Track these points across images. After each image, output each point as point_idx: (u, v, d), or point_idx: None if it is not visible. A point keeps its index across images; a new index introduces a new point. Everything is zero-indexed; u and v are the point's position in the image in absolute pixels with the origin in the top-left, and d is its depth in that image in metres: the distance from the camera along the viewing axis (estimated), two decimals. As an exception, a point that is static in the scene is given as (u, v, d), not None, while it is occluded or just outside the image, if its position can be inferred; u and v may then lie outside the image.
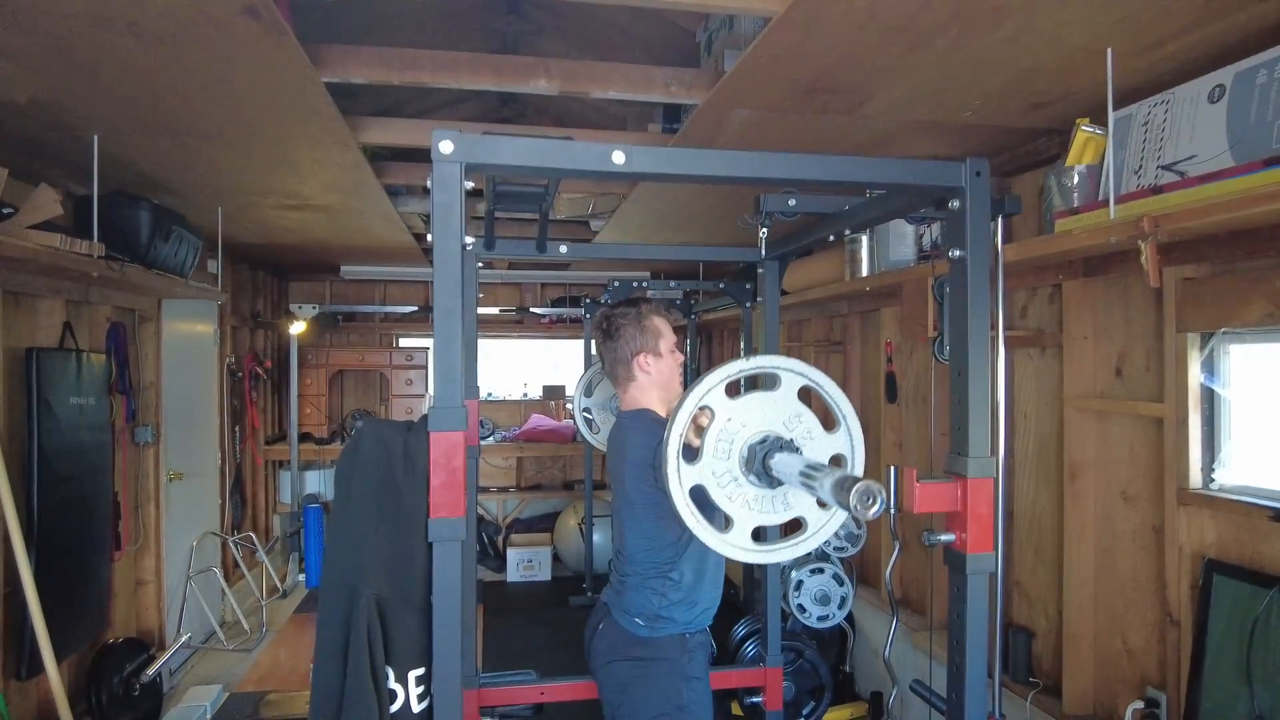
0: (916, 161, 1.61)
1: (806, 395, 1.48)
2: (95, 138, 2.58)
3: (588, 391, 3.28)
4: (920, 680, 2.70)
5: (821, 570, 3.42)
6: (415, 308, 6.33)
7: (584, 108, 3.76)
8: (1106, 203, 1.97)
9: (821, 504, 1.43)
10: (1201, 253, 2.10)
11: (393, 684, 1.41)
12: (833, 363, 4.51)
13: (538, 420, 6.38)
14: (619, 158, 1.46)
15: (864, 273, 3.22)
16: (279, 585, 5.30)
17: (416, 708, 1.44)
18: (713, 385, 1.37)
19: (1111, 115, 2.02)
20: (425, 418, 1.42)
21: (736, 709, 3.63)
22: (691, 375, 5.99)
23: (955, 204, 1.62)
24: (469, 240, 2.46)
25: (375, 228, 4.27)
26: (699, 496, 1.38)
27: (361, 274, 6.11)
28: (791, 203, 2.15)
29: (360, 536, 1.41)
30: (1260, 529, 2.01)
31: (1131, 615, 2.47)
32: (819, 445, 1.43)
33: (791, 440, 1.39)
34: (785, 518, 1.42)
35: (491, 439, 6.26)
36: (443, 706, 1.42)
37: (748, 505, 1.39)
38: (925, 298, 2.70)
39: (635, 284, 4.08)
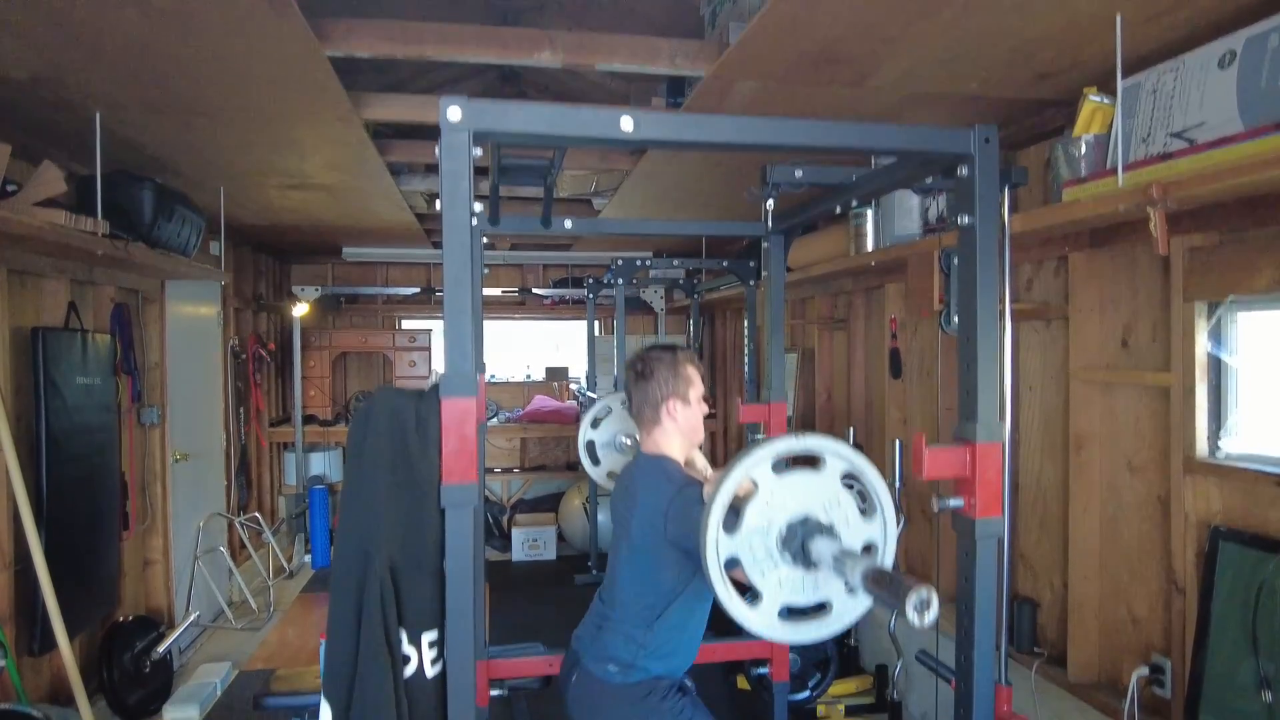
0: (925, 128, 1.61)
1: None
2: (98, 115, 2.57)
3: (594, 424, 3.29)
4: (927, 651, 2.72)
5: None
6: (417, 289, 6.33)
7: (585, 85, 3.74)
8: (1114, 171, 1.97)
9: (850, 590, 1.42)
10: (1209, 221, 2.10)
11: (406, 647, 1.42)
12: (836, 340, 4.52)
13: (541, 401, 6.39)
14: (627, 124, 1.46)
15: (869, 248, 3.22)
16: (286, 566, 5.33)
17: (430, 672, 1.46)
18: (761, 460, 1.37)
19: (1120, 83, 2.01)
20: (436, 386, 1.42)
21: (743, 682, 3.66)
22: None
23: (964, 171, 1.62)
24: (476, 209, 2.47)
25: (378, 206, 4.26)
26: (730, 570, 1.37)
27: (363, 256, 6.09)
28: (798, 174, 2.14)
29: (373, 503, 1.42)
30: (1266, 496, 2.02)
31: (1136, 584, 2.48)
32: (854, 531, 1.42)
33: (831, 525, 1.39)
34: (813, 600, 1.41)
35: (495, 420, 6.27)
36: (456, 668, 1.43)
37: (779, 584, 1.39)
38: (931, 271, 2.69)
39: (638, 262, 4.07)
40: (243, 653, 4.13)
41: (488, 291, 6.53)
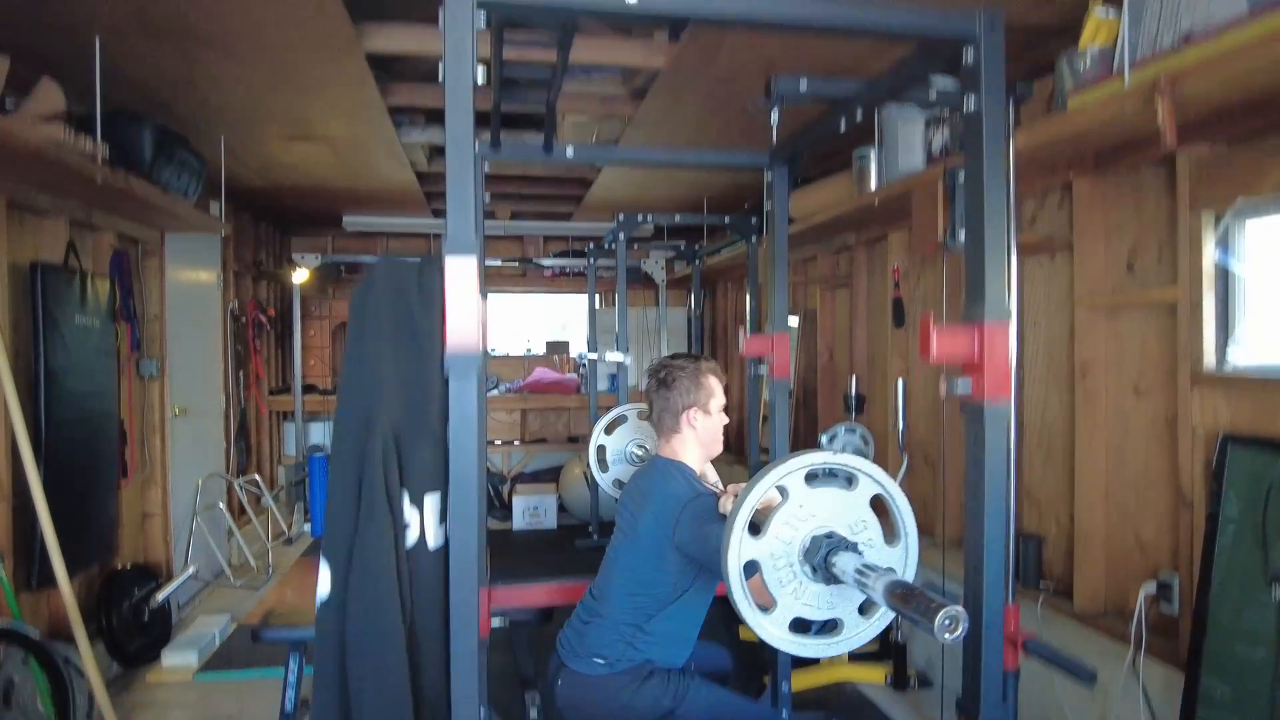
0: (929, 11, 1.59)
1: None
2: (98, 40, 2.56)
3: (608, 430, 3.32)
4: (933, 584, 2.70)
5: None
6: (418, 260, 6.31)
7: (589, 20, 3.70)
8: (1121, 74, 1.95)
9: (863, 611, 1.44)
10: (1216, 130, 2.09)
11: (408, 510, 1.40)
12: (839, 300, 4.51)
13: (542, 373, 6.38)
14: (632, -8, 1.44)
15: (873, 188, 3.20)
16: (285, 530, 5.31)
17: (433, 542, 1.44)
18: (795, 469, 1.37)
19: (1127, -13, 2.00)
20: (439, 252, 1.41)
21: (745, 632, 3.64)
22: (697, 330, 5.99)
23: (969, 57, 1.60)
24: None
25: (378, 163, 4.25)
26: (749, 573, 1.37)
27: (364, 225, 6.08)
28: (803, 86, 2.13)
29: (375, 369, 1.40)
30: (1275, 402, 2.01)
31: (1143, 509, 2.47)
32: (878, 555, 1.42)
33: (855, 544, 1.39)
34: (826, 616, 1.42)
35: (496, 391, 6.26)
36: (459, 540, 1.40)
37: (795, 595, 1.39)
38: (936, 202, 2.68)
39: (640, 218, 4.06)
40: (242, 610, 4.11)
41: (487, 262, 6.53)
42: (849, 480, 1.44)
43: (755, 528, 1.39)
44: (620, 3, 1.49)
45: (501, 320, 7.07)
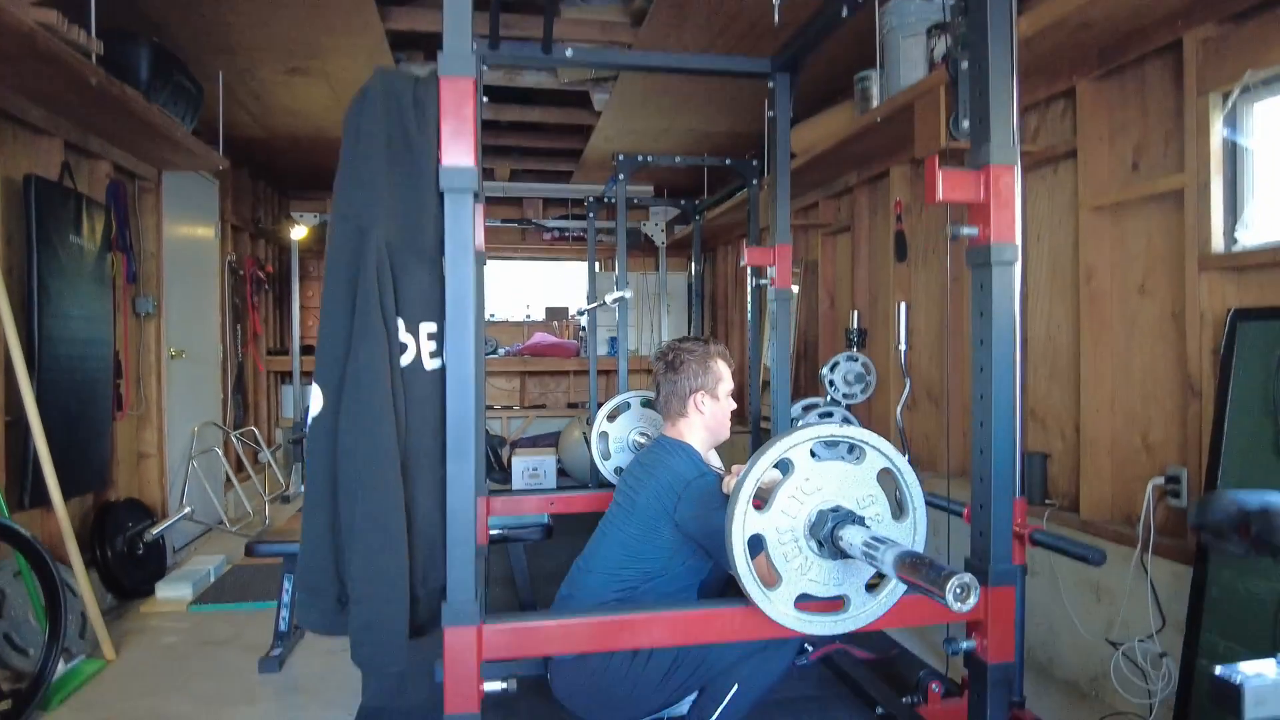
0: None
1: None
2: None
3: (610, 417, 3.30)
4: (934, 494, 2.66)
5: (830, 415, 3.39)
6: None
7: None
8: (1127, -60, 1.93)
9: (869, 587, 1.42)
10: (1222, 7, 2.06)
11: (403, 334, 1.37)
12: (840, 245, 4.48)
13: (541, 336, 6.35)
14: None
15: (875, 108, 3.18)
16: (283, 485, 5.27)
17: (429, 365, 1.40)
18: (802, 441, 1.35)
19: None
20: (434, 71, 1.38)
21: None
22: (697, 294, 5.95)
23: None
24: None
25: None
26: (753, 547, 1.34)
27: (363, 187, 6.05)
28: (804, -37, 2.10)
29: (370, 181, 1.37)
30: (1284, 278, 1.98)
31: (1151, 409, 2.43)
32: (884, 530, 1.40)
33: (863, 518, 1.36)
34: (832, 593, 1.40)
35: (495, 355, 6.22)
36: (454, 360, 1.37)
37: (801, 570, 1.37)
38: (938, 104, 2.65)
39: (640, 157, 4.03)
40: (238, 554, 4.05)
41: (487, 223, 6.50)
42: (855, 454, 1.42)
43: (760, 505, 1.36)
44: None
45: (501, 286, 7.04)
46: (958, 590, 1.13)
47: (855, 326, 3.67)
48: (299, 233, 5.40)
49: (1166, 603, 2.21)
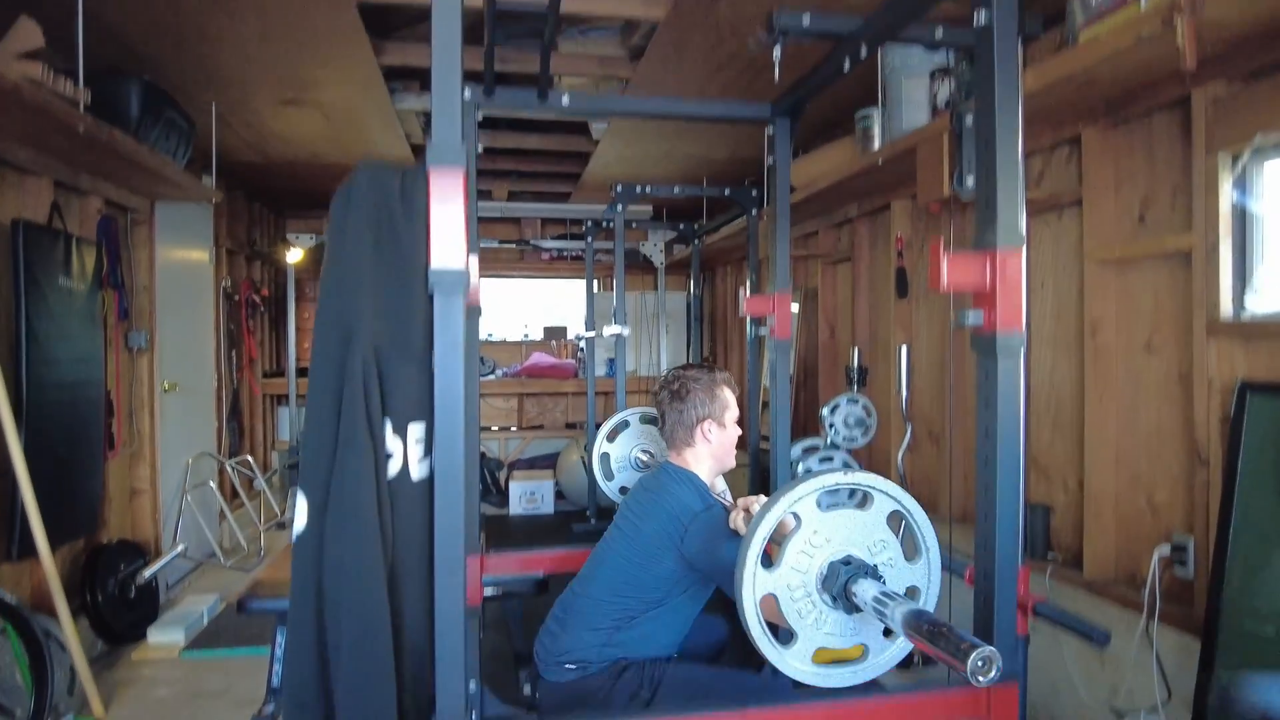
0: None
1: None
2: (79, -14, 2.49)
3: (610, 437, 3.26)
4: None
5: (830, 460, 3.35)
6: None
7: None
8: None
9: (887, 633, 1.37)
10: (1233, 64, 2.01)
11: (390, 439, 1.32)
12: (840, 275, 4.43)
13: (539, 357, 6.31)
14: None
15: (876, 148, 3.13)
16: (278, 513, 5.23)
17: (416, 473, 1.36)
18: (807, 493, 1.30)
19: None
20: (423, 159, 1.33)
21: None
22: (696, 315, 5.91)
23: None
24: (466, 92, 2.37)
25: (374, 134, 4.18)
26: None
27: (359, 208, 6.00)
28: (805, 21, 2.05)
29: (355, 282, 1.32)
30: (1295, 349, 1.93)
31: (1155, 470, 2.39)
32: (898, 574, 1.35)
33: (875, 566, 1.32)
34: (851, 643, 1.35)
35: (493, 376, 6.18)
36: (443, 457, 1.32)
37: (817, 625, 1.32)
38: (941, 153, 2.61)
39: (639, 188, 3.99)
40: (231, 590, 4.02)
41: (484, 244, 6.45)
42: (863, 497, 1.38)
43: (771, 552, 1.32)
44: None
45: (499, 305, 6.99)
46: (980, 664, 1.08)
47: (856, 364, 3.63)
48: (295, 255, 5.35)
49: (1173, 674, 2.17)
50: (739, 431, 2.11)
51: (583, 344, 5.71)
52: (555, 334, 6.81)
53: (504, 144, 4.58)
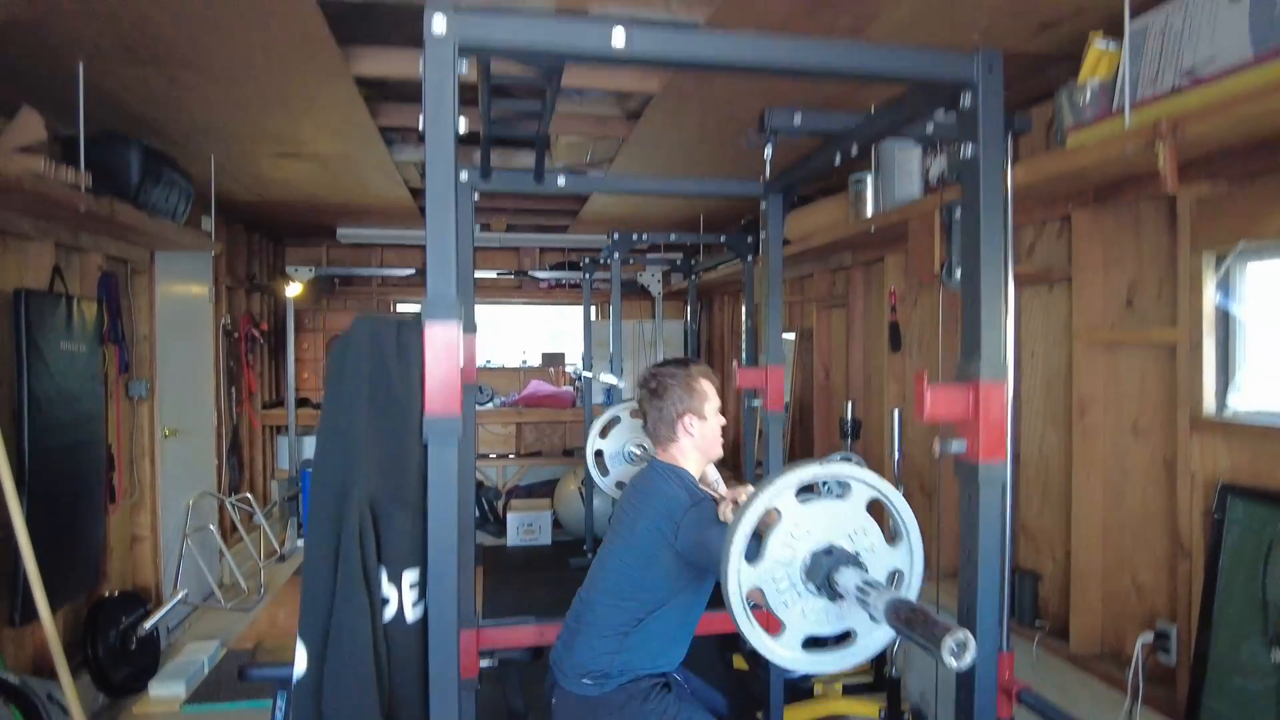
0: (927, 51, 1.55)
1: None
2: (80, 66, 2.51)
3: (602, 433, 3.27)
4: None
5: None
6: (413, 270, 6.27)
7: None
8: (1121, 112, 1.91)
9: (874, 617, 1.38)
10: (1218, 168, 2.04)
11: (385, 587, 1.36)
12: (835, 319, 4.46)
13: (537, 386, 6.34)
14: (619, 38, 1.40)
15: (869, 214, 3.16)
16: (278, 548, 5.26)
17: (411, 616, 1.40)
18: (785, 488, 1.32)
19: (1128, 24, 1.95)
20: (418, 313, 1.36)
21: (739, 661, 3.60)
22: (692, 340, 5.94)
23: (966, 100, 1.56)
24: (464, 175, 2.40)
25: (371, 179, 4.20)
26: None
27: (358, 237, 6.04)
28: (797, 119, 2.08)
29: (351, 434, 1.36)
30: (1276, 452, 1.96)
31: (1141, 551, 2.43)
32: (880, 559, 1.38)
33: (857, 554, 1.35)
34: (839, 629, 1.38)
35: (491, 405, 6.21)
36: (438, 611, 1.36)
37: (803, 614, 1.35)
38: (932, 232, 2.64)
39: (635, 236, 4.02)
40: (232, 633, 4.06)
41: (482, 274, 6.48)
42: (843, 490, 1.40)
43: (756, 545, 1.33)
44: (605, 48, 1.45)
45: (497, 331, 7.03)
46: (953, 647, 1.11)
47: (850, 417, 3.66)
48: (294, 290, 5.38)
49: (1157, 758, 2.21)
50: (722, 421, 2.11)
51: (580, 377, 5.74)
52: (553, 361, 6.84)
53: (502, 197, 4.61)
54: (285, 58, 2.51)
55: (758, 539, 1.34)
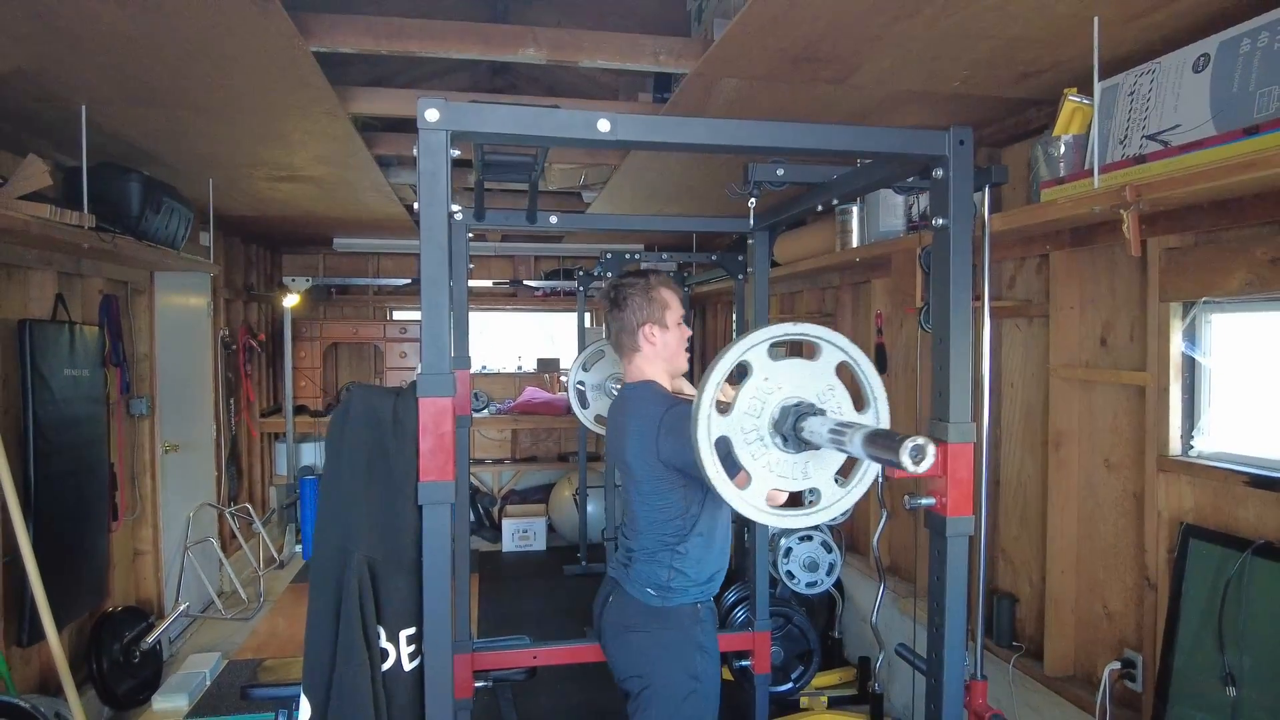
0: (900, 130, 1.63)
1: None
2: (83, 108, 2.57)
3: (585, 367, 3.32)
4: (906, 644, 2.76)
5: (810, 538, 3.48)
6: (409, 280, 6.33)
7: (576, 78, 3.74)
8: (1091, 172, 1.99)
9: (838, 480, 1.45)
10: (1185, 222, 2.12)
11: (384, 643, 1.44)
12: (824, 335, 4.53)
13: (532, 393, 6.41)
14: (604, 126, 1.47)
15: (854, 243, 3.23)
16: (276, 556, 5.35)
17: (408, 666, 1.48)
18: (757, 342, 1.37)
19: (1097, 85, 2.03)
20: (414, 384, 1.44)
21: (727, 673, 3.70)
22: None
23: (939, 173, 1.63)
24: (458, 210, 2.48)
25: (367, 199, 4.26)
26: (721, 451, 1.37)
27: (354, 246, 6.09)
28: (780, 173, 2.15)
29: (351, 499, 1.44)
30: (1236, 494, 2.05)
31: (1111, 580, 2.52)
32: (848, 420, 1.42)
33: (824, 410, 1.39)
34: (803, 486, 1.43)
35: (486, 411, 6.28)
36: (433, 665, 1.46)
37: (769, 467, 1.40)
38: (914, 268, 2.72)
39: (628, 255, 4.09)
40: (232, 643, 4.15)
41: (478, 283, 6.54)
42: (814, 351, 1.45)
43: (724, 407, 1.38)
44: (591, 134, 1.52)
45: (492, 337, 7.09)
46: (912, 451, 1.15)
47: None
48: (291, 300, 5.44)
49: (1123, 780, 2.31)
50: (687, 331, 2.14)
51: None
52: (548, 366, 6.91)
53: (498, 203, 4.66)
54: (281, 101, 2.57)
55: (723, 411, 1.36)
